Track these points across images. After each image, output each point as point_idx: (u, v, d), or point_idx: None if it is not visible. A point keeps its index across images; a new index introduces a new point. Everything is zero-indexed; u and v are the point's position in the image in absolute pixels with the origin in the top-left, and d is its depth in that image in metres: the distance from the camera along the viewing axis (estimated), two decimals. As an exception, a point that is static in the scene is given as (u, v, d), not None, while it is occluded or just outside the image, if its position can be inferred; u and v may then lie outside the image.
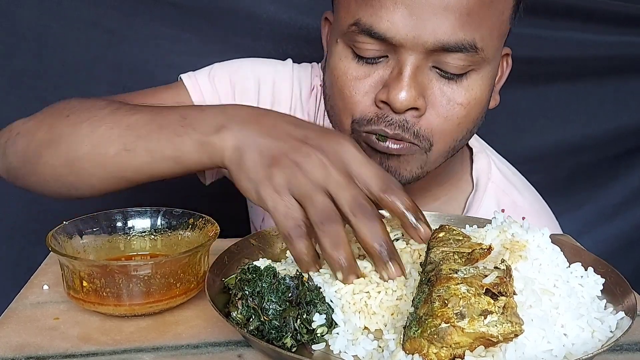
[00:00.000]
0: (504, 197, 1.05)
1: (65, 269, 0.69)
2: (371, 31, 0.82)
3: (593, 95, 1.67)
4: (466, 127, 0.89)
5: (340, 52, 0.88)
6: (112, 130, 0.79)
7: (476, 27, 0.82)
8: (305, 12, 1.42)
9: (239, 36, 1.43)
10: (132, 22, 1.40)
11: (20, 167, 0.88)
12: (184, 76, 1.06)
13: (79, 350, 0.63)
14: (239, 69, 1.08)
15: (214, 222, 0.76)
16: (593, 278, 0.67)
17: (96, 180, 0.82)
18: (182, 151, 0.75)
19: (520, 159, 1.18)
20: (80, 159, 0.81)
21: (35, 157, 0.85)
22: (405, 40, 0.81)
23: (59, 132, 0.83)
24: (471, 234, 0.68)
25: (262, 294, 0.63)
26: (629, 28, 1.58)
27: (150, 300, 0.68)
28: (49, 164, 0.83)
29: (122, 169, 0.79)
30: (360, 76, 0.86)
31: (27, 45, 1.37)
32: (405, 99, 0.82)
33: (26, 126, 0.89)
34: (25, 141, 0.87)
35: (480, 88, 0.87)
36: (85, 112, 0.83)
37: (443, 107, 0.85)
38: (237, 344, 0.65)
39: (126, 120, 0.79)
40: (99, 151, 0.79)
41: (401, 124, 0.85)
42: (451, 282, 0.57)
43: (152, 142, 0.76)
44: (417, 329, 0.55)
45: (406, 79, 0.82)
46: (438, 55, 0.82)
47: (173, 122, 0.76)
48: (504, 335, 0.54)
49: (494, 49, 0.86)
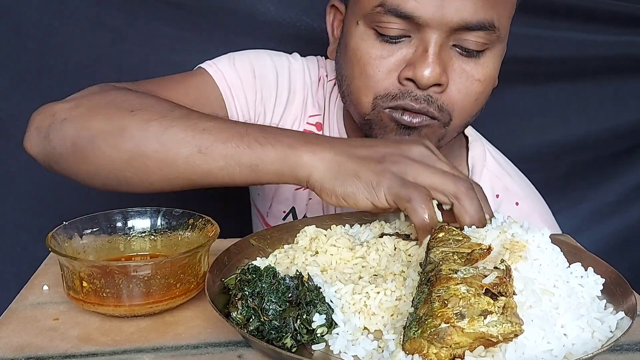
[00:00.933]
0: (497, 182, 1.09)
1: (65, 270, 0.69)
2: (398, 11, 0.86)
3: (592, 94, 1.67)
4: (481, 103, 0.95)
5: (363, 33, 0.91)
6: (186, 132, 0.79)
7: (494, 7, 0.88)
8: (306, 12, 1.43)
9: (240, 36, 1.43)
10: (135, 21, 1.40)
11: (69, 155, 0.85)
12: (204, 65, 1.06)
13: (78, 351, 0.63)
14: (258, 56, 1.10)
15: (213, 223, 0.76)
16: (593, 278, 0.67)
17: (157, 178, 0.81)
18: (262, 160, 0.76)
19: (518, 158, 1.18)
20: (145, 156, 0.80)
21: (89, 147, 0.83)
22: (431, 20, 0.86)
23: (121, 125, 0.81)
24: (471, 234, 0.68)
25: (262, 295, 0.63)
26: (629, 28, 1.58)
27: (150, 301, 0.68)
28: (107, 156, 0.82)
29: (191, 171, 0.79)
30: (383, 55, 0.90)
31: (29, 45, 1.37)
32: (432, 75, 0.87)
33: (75, 113, 0.86)
34: (75, 128, 0.84)
35: (493, 65, 0.93)
36: (152, 110, 0.82)
37: (462, 83, 0.91)
38: (237, 344, 0.65)
39: (202, 125, 0.79)
40: (169, 150, 0.79)
41: (426, 98, 0.90)
42: (451, 282, 0.57)
43: (230, 148, 0.77)
44: (417, 329, 0.55)
45: (431, 57, 0.87)
46: (460, 34, 0.88)
47: (254, 132, 0.78)
48: (504, 335, 0.54)
49: (506, 29, 0.93)
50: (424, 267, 0.64)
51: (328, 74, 1.12)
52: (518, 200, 1.08)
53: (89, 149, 0.82)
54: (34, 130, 0.87)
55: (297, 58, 1.13)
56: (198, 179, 0.79)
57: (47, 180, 1.49)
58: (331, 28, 1.04)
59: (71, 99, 0.89)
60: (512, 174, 1.12)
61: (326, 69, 1.13)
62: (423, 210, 0.69)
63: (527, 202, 1.09)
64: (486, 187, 1.04)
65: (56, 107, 0.87)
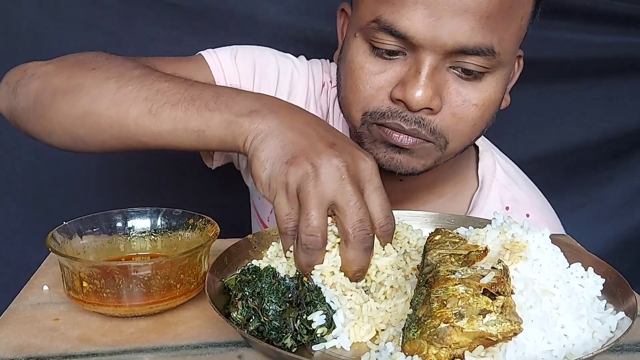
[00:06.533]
0: (507, 194, 1.06)
1: (65, 270, 0.69)
2: (392, 29, 0.82)
3: (591, 96, 1.67)
4: (480, 128, 0.91)
5: (359, 46, 0.88)
6: (139, 92, 0.78)
7: (495, 31, 0.82)
8: (306, 13, 1.42)
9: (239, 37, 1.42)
10: (131, 23, 1.39)
11: (30, 110, 0.86)
12: (204, 53, 1.05)
13: (78, 351, 0.63)
14: (262, 53, 1.09)
15: (213, 223, 0.76)
16: (593, 278, 0.67)
17: (108, 137, 0.81)
18: (209, 126, 0.74)
19: (518, 159, 1.18)
20: (97, 113, 0.80)
21: (48, 102, 0.83)
22: (424, 41, 0.81)
23: (80, 82, 0.82)
24: (472, 235, 0.68)
25: (262, 295, 0.63)
26: (629, 28, 1.58)
27: (150, 301, 0.68)
28: (62, 112, 0.82)
29: (140, 132, 0.78)
30: (376, 71, 0.86)
31: (25, 46, 1.37)
32: (422, 98, 0.83)
33: (43, 69, 0.87)
34: (40, 84, 0.85)
35: (494, 90, 0.88)
36: (113, 69, 0.82)
37: (458, 108, 0.86)
38: (237, 344, 0.65)
39: (157, 85, 0.78)
40: (120, 109, 0.78)
41: (417, 120, 0.85)
42: (449, 283, 0.57)
43: (179, 110, 0.76)
44: (416, 330, 0.55)
45: (423, 79, 0.83)
46: (456, 57, 0.83)
47: (206, 97, 0.76)
48: (503, 334, 0.54)
49: (510, 53, 0.87)
50: (421, 269, 0.64)
51: (332, 79, 1.10)
52: (527, 211, 1.05)
53: (47, 105, 0.83)
54: (4, 85, 0.88)
55: (303, 61, 1.11)
56: (148, 141, 0.79)
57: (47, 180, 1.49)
58: (341, 32, 1.00)
59: (47, 61, 0.89)
60: (520, 184, 1.10)
61: (330, 74, 1.11)
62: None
63: (537, 212, 1.06)
64: (495, 199, 1.05)
65: (29, 64, 0.88)
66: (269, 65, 1.07)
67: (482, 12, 0.80)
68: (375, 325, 0.64)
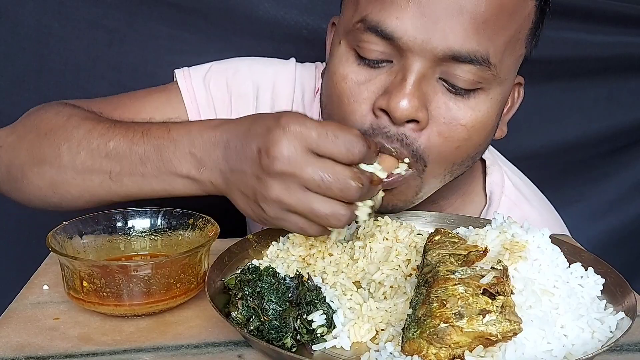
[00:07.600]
0: (516, 211, 0.99)
1: (66, 269, 0.69)
2: (378, 28, 0.76)
3: (588, 94, 1.67)
4: (466, 152, 0.82)
5: (342, 54, 0.82)
6: (93, 160, 0.80)
7: (491, 39, 0.76)
8: (306, 12, 1.42)
9: (239, 36, 1.43)
10: (133, 22, 1.40)
11: (6, 182, 0.90)
12: (178, 75, 1.03)
13: (79, 351, 0.63)
14: (236, 73, 1.05)
15: (214, 222, 0.76)
16: (593, 278, 0.67)
17: (84, 202, 0.84)
18: (173, 187, 0.77)
19: (515, 156, 1.18)
20: (65, 183, 0.82)
21: (19, 177, 0.86)
22: (413, 43, 0.75)
23: (40, 152, 0.84)
24: (471, 235, 0.68)
25: (262, 294, 0.63)
26: (628, 28, 1.58)
27: (151, 301, 0.68)
28: (34, 184, 0.85)
29: (109, 195, 0.81)
30: (360, 80, 0.79)
31: (28, 45, 1.38)
32: (406, 108, 0.75)
33: (8, 140, 0.90)
34: (8, 158, 0.88)
35: (487, 111, 0.80)
36: (61, 130, 0.84)
37: (445, 125, 0.79)
38: (237, 344, 0.65)
39: (104, 149, 0.80)
40: (85, 178, 0.81)
41: (400, 137, 0.78)
42: (449, 282, 0.57)
43: (136, 176, 0.78)
44: (416, 330, 0.55)
45: (409, 87, 0.76)
46: (447, 66, 0.76)
47: (152, 156, 0.77)
48: (503, 334, 0.54)
49: (507, 68, 0.80)
50: (421, 269, 0.64)
51: None
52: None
53: (19, 179, 0.87)
54: None
55: (290, 66, 1.07)
56: (122, 199, 0.82)
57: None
58: (329, 47, 0.92)
59: (11, 125, 0.92)
60: (531, 200, 1.04)
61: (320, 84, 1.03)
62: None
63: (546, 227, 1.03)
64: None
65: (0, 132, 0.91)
66: (244, 85, 1.04)
67: (479, 15, 0.74)
68: (375, 325, 0.64)
